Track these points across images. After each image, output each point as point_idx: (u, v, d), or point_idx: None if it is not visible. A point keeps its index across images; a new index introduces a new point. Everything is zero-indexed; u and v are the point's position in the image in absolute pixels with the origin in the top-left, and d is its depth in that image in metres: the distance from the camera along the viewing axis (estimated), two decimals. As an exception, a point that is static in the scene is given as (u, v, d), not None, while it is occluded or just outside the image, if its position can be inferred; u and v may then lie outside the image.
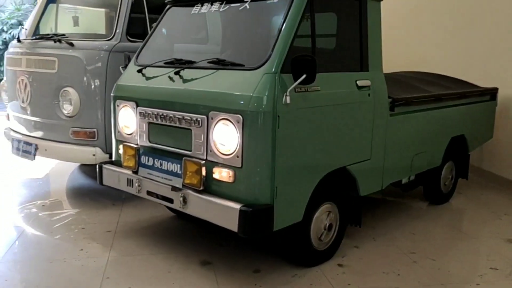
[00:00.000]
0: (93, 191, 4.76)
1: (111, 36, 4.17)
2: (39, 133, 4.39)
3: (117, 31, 4.18)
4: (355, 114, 3.14)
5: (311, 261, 3.13)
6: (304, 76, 2.57)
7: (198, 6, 3.30)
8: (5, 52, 4.91)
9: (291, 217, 2.77)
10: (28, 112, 4.45)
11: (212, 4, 3.20)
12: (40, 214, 4.12)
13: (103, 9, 4.84)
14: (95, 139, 4.12)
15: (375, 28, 3.32)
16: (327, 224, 3.11)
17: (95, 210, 4.20)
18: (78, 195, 4.75)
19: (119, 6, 4.24)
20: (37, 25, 4.79)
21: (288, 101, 2.58)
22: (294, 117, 2.67)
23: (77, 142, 4.15)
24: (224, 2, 3.12)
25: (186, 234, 3.68)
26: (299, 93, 2.68)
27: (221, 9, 3.14)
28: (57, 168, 5.56)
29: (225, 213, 2.61)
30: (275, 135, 2.57)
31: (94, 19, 5.00)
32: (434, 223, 4.08)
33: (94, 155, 4.08)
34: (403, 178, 3.91)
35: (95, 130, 4.11)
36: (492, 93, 5.00)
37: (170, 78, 3.04)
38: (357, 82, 3.13)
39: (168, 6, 3.60)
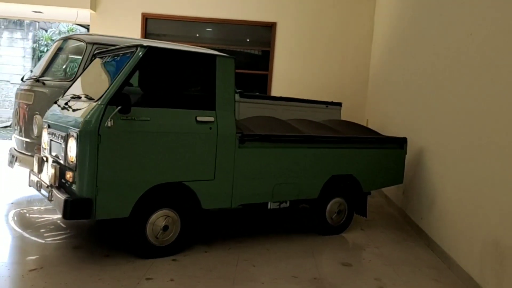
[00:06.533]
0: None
1: (73, 78, 5.50)
2: (20, 148, 5.80)
3: (78, 74, 5.50)
4: (193, 142, 4.03)
5: (147, 253, 4.01)
6: (119, 107, 3.59)
7: (104, 57, 4.51)
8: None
9: (115, 212, 3.73)
10: (18, 133, 5.90)
11: (108, 57, 4.39)
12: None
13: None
14: (51, 154, 5.39)
15: (225, 78, 4.23)
16: (163, 226, 3.99)
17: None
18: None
19: (82, 55, 5.59)
20: (45, 69, 6.29)
21: (109, 125, 3.60)
22: (117, 137, 3.66)
23: (39, 156, 5.46)
24: (111, 56, 4.30)
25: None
26: (124, 120, 3.69)
27: (108, 60, 4.31)
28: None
29: (60, 202, 3.65)
30: (97, 148, 3.59)
31: (75, 65, 6.43)
32: (297, 245, 4.73)
33: (47, 166, 5.34)
34: (265, 202, 4.60)
35: (51, 147, 5.38)
36: (400, 142, 5.52)
37: (65, 108, 4.22)
38: (197, 117, 4.05)
39: (94, 57, 4.85)
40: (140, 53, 3.83)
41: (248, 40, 10.04)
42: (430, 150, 5.27)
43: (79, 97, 4.18)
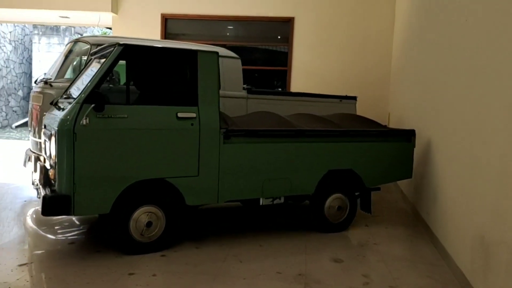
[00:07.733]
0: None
1: (76, 79, 5.64)
2: (34, 149, 6.01)
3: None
4: (174, 138, 4.01)
5: (131, 250, 4.03)
6: (93, 105, 3.63)
7: (96, 57, 4.59)
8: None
9: (94, 208, 3.79)
10: (32, 134, 6.12)
11: (98, 58, 4.46)
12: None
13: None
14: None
15: (208, 73, 4.18)
16: (146, 222, 4.01)
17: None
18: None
19: (87, 56, 5.73)
20: (57, 71, 6.50)
21: (84, 123, 3.65)
22: (93, 135, 3.70)
23: (48, 156, 5.64)
24: (100, 57, 4.37)
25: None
26: (100, 118, 3.73)
27: (97, 60, 4.38)
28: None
29: (41, 199, 3.74)
30: (73, 146, 3.64)
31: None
32: (293, 241, 4.63)
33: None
34: (255, 198, 4.52)
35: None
36: (407, 135, 5.28)
37: (56, 107, 4.32)
38: (178, 114, 4.03)
39: (90, 58, 4.94)
40: (117, 51, 3.86)
41: (266, 36, 9.97)
42: (435, 144, 5.01)
43: (68, 97, 4.27)
